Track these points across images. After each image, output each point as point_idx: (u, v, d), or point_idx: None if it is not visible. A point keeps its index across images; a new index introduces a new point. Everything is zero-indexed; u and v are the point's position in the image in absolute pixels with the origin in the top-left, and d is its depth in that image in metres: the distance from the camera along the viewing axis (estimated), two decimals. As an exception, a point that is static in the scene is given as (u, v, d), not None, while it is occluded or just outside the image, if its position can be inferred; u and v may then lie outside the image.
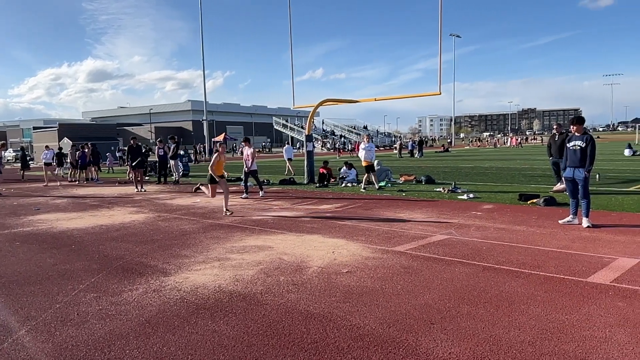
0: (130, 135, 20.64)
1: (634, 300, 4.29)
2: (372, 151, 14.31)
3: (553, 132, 13.14)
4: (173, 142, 18.66)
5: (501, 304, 4.31)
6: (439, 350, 3.41)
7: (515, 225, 7.94)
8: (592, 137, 7.87)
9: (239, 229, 8.34)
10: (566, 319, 3.91)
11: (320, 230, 8.00)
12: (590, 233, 7.18)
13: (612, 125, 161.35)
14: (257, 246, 6.93)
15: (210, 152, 46.60)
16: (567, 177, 7.95)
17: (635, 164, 22.01)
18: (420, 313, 4.13)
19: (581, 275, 5.05)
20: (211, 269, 5.77)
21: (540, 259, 5.76)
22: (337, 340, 3.62)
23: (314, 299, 4.55)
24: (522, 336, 3.60)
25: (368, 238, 7.28)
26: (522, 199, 10.74)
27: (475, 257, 5.99)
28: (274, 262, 6.01)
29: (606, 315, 3.96)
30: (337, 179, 16.39)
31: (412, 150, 41.64)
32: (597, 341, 3.47)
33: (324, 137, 71.15)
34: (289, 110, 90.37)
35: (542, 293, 4.56)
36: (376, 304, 4.37)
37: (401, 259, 6.01)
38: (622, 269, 5.25)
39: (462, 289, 4.77)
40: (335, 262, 5.89)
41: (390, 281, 5.07)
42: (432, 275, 5.24)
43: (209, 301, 4.60)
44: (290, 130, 71.26)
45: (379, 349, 3.45)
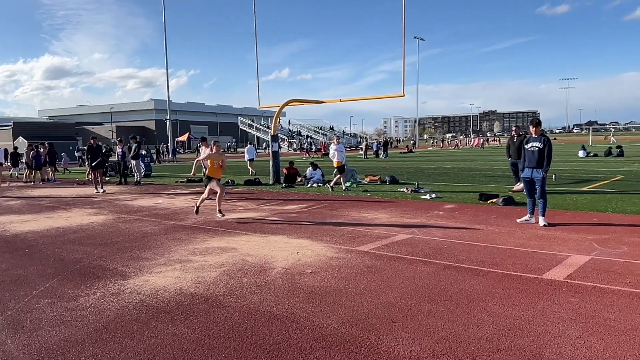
0: (90, 134, 20.02)
1: (586, 295, 4.46)
2: (343, 152, 14.38)
3: (512, 133, 13.54)
4: (134, 141, 18.22)
5: (461, 301, 4.41)
6: (400, 348, 3.45)
7: (475, 225, 8.14)
8: (549, 139, 8.16)
9: (202, 230, 8.21)
10: (522, 315, 4.03)
11: (285, 231, 7.97)
12: (546, 231, 7.43)
13: (567, 127, 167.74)
14: (220, 248, 6.85)
15: (174, 153, 45.72)
16: (526, 177, 8.20)
17: (588, 165, 22.95)
18: (382, 312, 4.17)
19: (537, 272, 5.22)
20: (172, 271, 5.66)
21: (499, 257, 5.92)
22: (299, 341, 3.62)
23: (277, 300, 4.53)
24: (481, 333, 3.69)
25: (333, 238, 7.31)
26: (482, 198, 11.02)
27: (436, 255, 6.10)
28: (237, 263, 5.95)
29: (559, 310, 4.10)
30: (302, 180, 16.38)
31: (377, 151, 42.07)
32: (550, 336, 3.59)
33: (290, 138, 71.01)
34: (255, 110, 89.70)
35: (500, 290, 4.69)
36: (339, 304, 4.39)
37: (365, 258, 6.06)
38: (575, 265, 5.46)
39: (424, 287, 4.85)
40: (299, 263, 5.89)
41: (353, 281, 5.10)
42: (395, 274, 5.30)
43: (170, 304, 4.51)
44: (256, 130, 70.76)
45: (341, 348, 3.47)
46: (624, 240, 6.67)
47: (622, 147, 31.84)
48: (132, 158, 18.26)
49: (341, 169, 13.98)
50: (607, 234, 7.09)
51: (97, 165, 15.48)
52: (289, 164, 16.53)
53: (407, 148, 55.09)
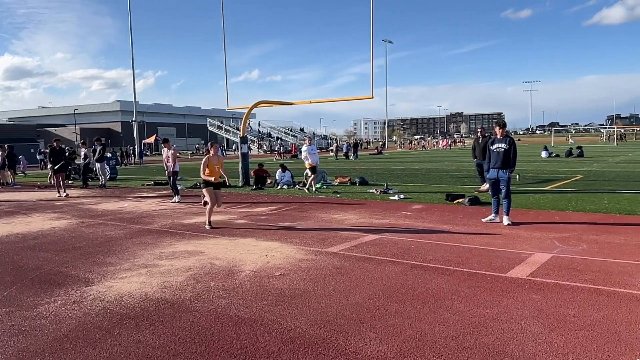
0: (53, 136, 19.40)
1: (547, 292, 4.59)
2: (316, 153, 14.37)
3: (477, 135, 13.84)
4: (99, 144, 17.75)
5: (427, 300, 4.47)
6: (368, 349, 3.47)
7: (442, 224, 8.27)
8: (513, 140, 8.38)
9: (168, 234, 8.06)
10: (487, 313, 4.11)
11: (254, 234, 7.91)
12: (510, 230, 7.62)
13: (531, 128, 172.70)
14: (187, 251, 6.74)
15: (141, 155, 44.77)
16: (491, 177, 8.38)
17: (551, 165, 23.68)
18: (350, 313, 4.19)
19: (501, 271, 5.35)
20: (138, 276, 5.54)
21: (465, 256, 6.04)
22: (267, 344, 3.59)
23: (245, 304, 4.49)
24: (446, 331, 3.74)
25: (302, 240, 7.29)
26: (448, 198, 11.22)
27: (404, 255, 6.17)
28: (204, 267, 5.86)
29: (522, 307, 4.21)
30: (272, 182, 16.30)
31: (347, 152, 42.28)
32: (513, 333, 3.67)
33: (260, 139, 70.61)
34: (224, 112, 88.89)
35: (465, 289, 4.78)
36: (308, 306, 4.38)
37: (334, 259, 6.07)
38: (537, 263, 5.61)
39: (391, 287, 4.89)
40: (268, 266, 5.85)
41: (322, 282, 5.10)
42: (363, 275, 5.33)
43: (135, 310, 4.40)
44: (225, 132, 70.09)
45: (309, 350, 3.46)
46: (583, 238, 6.90)
47: (582, 148, 33.00)
48: (97, 161, 17.79)
49: (313, 170, 13.99)
50: (568, 232, 7.32)
51: (60, 169, 15.01)
52: (258, 166, 16.43)
53: (376, 149, 55.58)
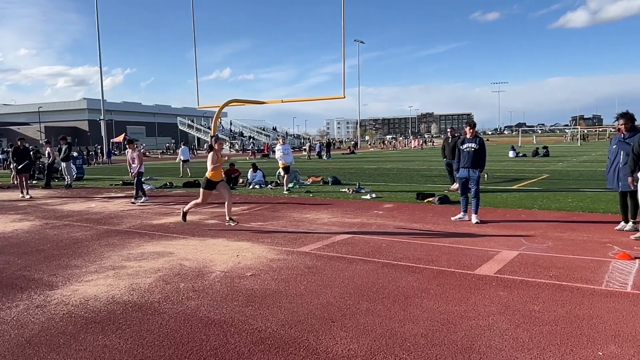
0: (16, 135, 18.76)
1: (514, 289, 4.70)
2: (290, 153, 14.31)
3: (447, 135, 14.07)
4: (64, 143, 17.26)
5: (398, 298, 4.51)
6: (338, 347, 3.48)
7: (412, 223, 8.37)
8: (483, 140, 8.57)
9: (137, 235, 7.90)
10: (455, 310, 4.18)
11: (224, 234, 7.83)
12: (479, 228, 7.77)
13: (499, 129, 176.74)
14: (156, 252, 6.62)
15: (109, 154, 43.74)
16: (462, 177, 8.53)
17: (518, 164, 24.27)
18: (321, 312, 4.19)
19: (469, 268, 5.44)
20: (104, 278, 5.41)
21: (434, 254, 6.12)
22: (237, 345, 3.56)
23: (216, 305, 4.44)
24: (416, 329, 3.79)
25: (274, 240, 7.26)
26: (419, 197, 11.36)
27: (375, 254, 6.22)
28: (174, 268, 5.77)
29: (490, 304, 4.29)
30: (244, 181, 16.18)
31: (320, 152, 42.36)
32: (481, 329, 3.74)
33: (232, 138, 70.02)
34: (195, 111, 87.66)
35: (434, 286, 4.84)
36: (279, 306, 4.36)
37: (306, 259, 6.06)
38: (504, 261, 5.74)
39: (362, 285, 4.92)
40: (239, 266, 5.80)
41: (294, 282, 5.09)
42: (335, 274, 5.34)
43: (101, 314, 4.29)
44: (196, 131, 69.25)
45: (280, 351, 3.45)
46: (548, 235, 7.10)
47: (548, 148, 33.96)
48: (62, 160, 17.30)
49: (286, 170, 13.94)
50: (534, 230, 7.51)
51: (23, 169, 14.52)
52: (229, 166, 16.27)
53: (349, 149, 55.85)
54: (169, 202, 12.38)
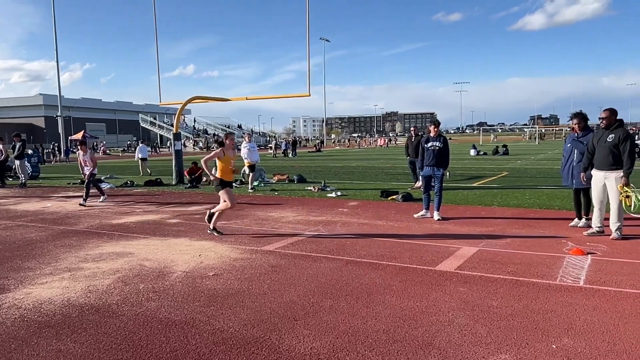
0: (-36, 132, 17.85)
1: (473, 285, 4.81)
2: (255, 151, 14.17)
3: (410, 134, 14.27)
4: (18, 140, 16.56)
5: (361, 295, 4.54)
6: (301, 346, 3.47)
7: (376, 220, 8.45)
8: (446, 139, 8.73)
9: (95, 235, 7.66)
10: (416, 306, 4.24)
11: (187, 233, 7.69)
12: (440, 225, 7.92)
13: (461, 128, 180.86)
14: (115, 253, 6.43)
15: (67, 152, 42.24)
16: (426, 174, 8.66)
17: (479, 162, 24.89)
18: (284, 311, 4.17)
19: (431, 264, 5.54)
20: (60, 281, 5.21)
21: (397, 251, 6.20)
22: (198, 346, 3.50)
23: (176, 305, 4.35)
24: (378, 325, 3.82)
25: (237, 239, 7.18)
26: (383, 195, 11.49)
27: (339, 252, 6.24)
28: (133, 269, 5.62)
29: (450, 300, 4.38)
30: (207, 180, 15.94)
31: (285, 150, 42.24)
32: (441, 325, 3.81)
33: (196, 136, 68.92)
34: (158, 108, 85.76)
35: (397, 283, 4.90)
36: (241, 306, 4.32)
37: (270, 258, 6.02)
38: (464, 257, 5.87)
39: (326, 283, 4.92)
40: (201, 266, 5.70)
41: (257, 281, 5.05)
42: (299, 272, 5.33)
43: (55, 317, 4.14)
44: (159, 129, 67.73)
45: (242, 351, 3.41)
46: (507, 231, 7.30)
47: (507, 146, 34.98)
48: (16, 158, 16.59)
49: (252, 168, 13.82)
50: (493, 226, 7.72)
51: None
52: (192, 164, 16.00)
53: (315, 147, 55.93)
54: (129, 201, 12.07)
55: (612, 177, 6.52)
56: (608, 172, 6.58)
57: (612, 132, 6.59)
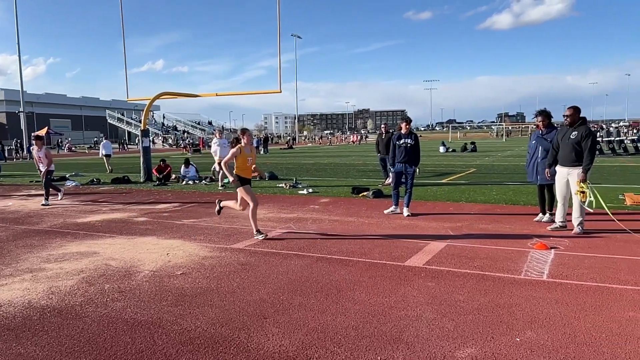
0: None
1: (441, 279, 4.88)
2: (227, 147, 13.98)
3: (381, 130, 14.37)
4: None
5: (330, 292, 4.54)
6: (270, 344, 3.45)
7: (347, 217, 8.48)
8: (417, 136, 8.83)
9: (59, 235, 7.44)
10: (386, 301, 4.28)
11: (155, 232, 7.55)
12: (410, 221, 8.01)
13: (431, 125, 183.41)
14: (80, 253, 6.26)
15: (30, 150, 40.83)
16: (398, 171, 8.73)
17: (448, 159, 25.30)
18: (254, 309, 4.14)
19: (400, 260, 5.59)
20: (20, 282, 5.03)
21: (367, 247, 6.24)
22: (165, 346, 3.43)
23: (143, 305, 4.26)
24: (348, 321, 3.83)
25: (207, 237, 7.09)
26: (354, 192, 11.55)
27: (310, 248, 6.24)
28: (98, 269, 5.48)
29: (418, 295, 4.43)
30: (177, 177, 15.69)
31: (257, 147, 41.96)
32: (409, 320, 3.85)
33: (165, 133, 67.75)
34: (126, 103, 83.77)
35: (366, 279, 4.93)
36: (210, 304, 4.26)
37: (239, 256, 5.97)
38: (433, 252, 5.95)
39: (296, 280, 4.91)
40: (169, 265, 5.61)
41: (226, 279, 5.00)
42: (269, 270, 5.30)
43: (15, 320, 3.99)
44: (126, 125, 66.37)
45: (210, 350, 3.36)
46: (474, 227, 7.44)
47: (476, 143, 35.69)
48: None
49: None
50: (461, 221, 7.85)
51: None
52: (161, 161, 15.72)
53: (287, 144, 55.78)
54: (95, 199, 11.77)
55: (574, 174, 6.71)
56: (571, 169, 6.78)
57: (576, 130, 6.78)
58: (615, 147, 25.95)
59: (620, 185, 12.10)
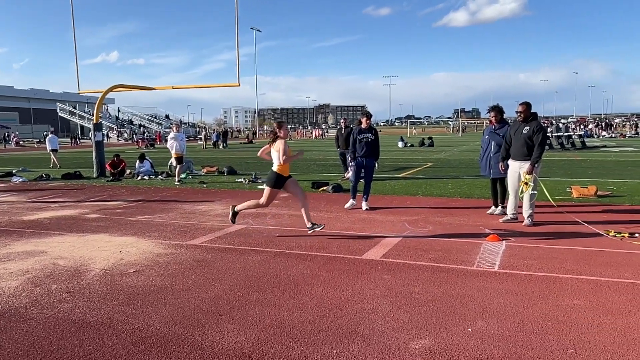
0: None
1: (397, 272, 4.95)
2: (184, 141, 13.66)
3: (340, 125, 14.44)
4: None
5: (288, 287, 4.52)
6: (225, 341, 3.40)
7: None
8: (377, 131, 8.91)
9: (3, 234, 7.07)
10: (342, 295, 4.29)
11: (107, 229, 7.30)
12: (368, 215, 8.08)
13: (390, 120, 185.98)
14: (25, 252, 5.97)
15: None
16: (358, 165, 8.77)
17: (406, 154, 25.72)
18: (209, 306, 4.06)
19: (357, 254, 5.63)
20: (-41, 284, 4.75)
21: (326, 241, 6.25)
22: (115, 347, 3.32)
23: (92, 306, 4.10)
24: (304, 316, 3.82)
25: (162, 233, 6.92)
26: (314, 186, 11.55)
27: (268, 244, 6.19)
28: (46, 268, 5.24)
29: (374, 288, 4.47)
30: (131, 173, 15.24)
31: (216, 141, 41.32)
32: (365, 313, 3.88)
33: (120, 127, 65.68)
34: (78, 96, 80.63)
35: (324, 273, 4.94)
36: (163, 303, 4.16)
37: (195, 252, 5.86)
38: (390, 245, 6.03)
39: (254, 276, 4.86)
40: (121, 263, 5.43)
41: (181, 277, 4.89)
42: (225, 266, 5.22)
43: (-48, 324, 3.76)
44: (79, 118, 63.95)
45: (162, 349, 3.28)
46: (430, 220, 7.59)
47: (433, 139, 36.44)
48: None
49: (179, 159, 13.33)
50: (417, 215, 7.99)
51: None
52: (114, 156, 15.22)
53: (247, 138, 55.21)
54: (44, 195, 11.27)
55: (526, 167, 6.95)
56: (523, 163, 7.01)
57: (528, 125, 7.02)
58: (563, 142, 27.07)
59: (568, 178, 12.64)
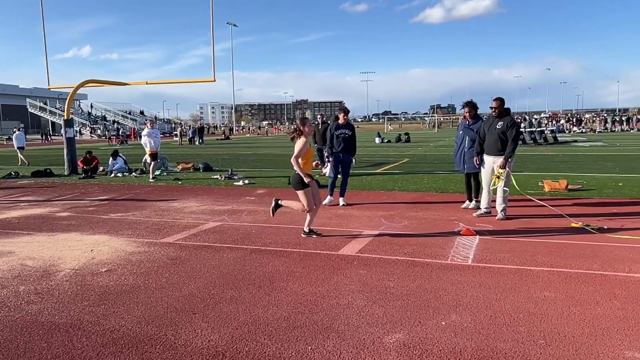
0: None
1: (372, 267, 4.96)
2: (158, 138, 13.42)
3: (317, 121, 14.41)
4: None
5: (263, 283, 4.49)
6: (198, 340, 3.35)
7: (283, 208, 8.41)
8: (354, 127, 8.93)
9: (-32, 233, 6.84)
10: (318, 290, 4.29)
11: (78, 227, 7.13)
12: (345, 210, 8.10)
13: (368, 116, 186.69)
14: (-8, 252, 5.79)
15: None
16: (336, 161, 8.77)
17: (383, 150, 25.87)
18: (183, 304, 4.01)
19: (334, 249, 5.64)
20: None
21: (302, 238, 6.23)
22: (84, 349, 3.24)
23: (62, 307, 4.00)
24: (279, 312, 3.80)
25: (135, 232, 6.80)
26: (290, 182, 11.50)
27: (244, 241, 6.14)
28: (13, 269, 5.09)
29: (350, 283, 4.48)
30: (104, 170, 14.94)
31: (192, 137, 40.80)
32: (341, 308, 3.88)
33: (93, 123, 64.31)
34: (49, 92, 78.58)
35: (300, 269, 4.92)
36: (136, 302, 4.08)
37: (169, 250, 5.77)
38: (365, 240, 6.04)
39: (228, 274, 4.82)
40: (93, 262, 5.31)
41: (154, 275, 4.81)
42: (200, 264, 5.16)
43: None
44: (50, 115, 62.36)
45: (134, 350, 3.21)
46: (405, 215, 7.64)
47: (409, 134, 36.74)
48: None
49: (154, 156, 13.10)
50: (393, 210, 8.04)
51: None
52: (87, 153, 14.88)
53: (224, 134, 54.69)
54: (12, 194, 10.96)
55: (499, 162, 7.05)
56: (497, 157, 7.11)
57: (501, 120, 7.12)
58: (536, 137, 27.61)
59: (540, 172, 12.90)
